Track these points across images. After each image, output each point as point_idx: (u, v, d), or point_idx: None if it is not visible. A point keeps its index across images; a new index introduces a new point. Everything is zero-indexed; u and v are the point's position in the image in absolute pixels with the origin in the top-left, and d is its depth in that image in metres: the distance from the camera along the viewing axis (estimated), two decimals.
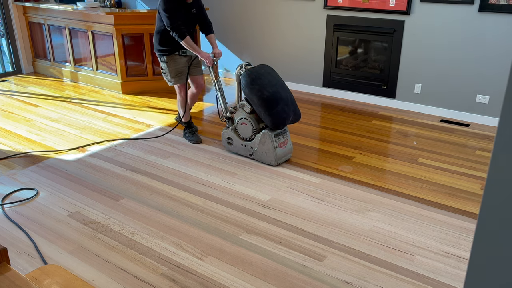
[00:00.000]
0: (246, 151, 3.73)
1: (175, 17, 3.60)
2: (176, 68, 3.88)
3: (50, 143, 4.09)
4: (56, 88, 5.95)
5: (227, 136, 3.82)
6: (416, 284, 2.31)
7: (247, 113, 3.64)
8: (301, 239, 2.69)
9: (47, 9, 6.11)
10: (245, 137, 3.69)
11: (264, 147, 3.58)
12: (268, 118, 3.47)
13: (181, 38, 3.63)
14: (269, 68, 3.66)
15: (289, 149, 3.69)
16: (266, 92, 3.44)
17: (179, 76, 3.90)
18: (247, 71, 3.54)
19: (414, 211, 2.99)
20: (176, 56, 3.85)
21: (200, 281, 2.33)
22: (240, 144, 3.75)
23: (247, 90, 3.51)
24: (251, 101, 3.52)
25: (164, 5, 3.59)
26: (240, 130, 3.71)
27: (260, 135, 3.58)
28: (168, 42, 3.79)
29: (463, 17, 4.47)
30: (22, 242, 2.64)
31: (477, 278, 0.76)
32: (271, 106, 3.43)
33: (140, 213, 2.96)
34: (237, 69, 3.66)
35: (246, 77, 3.51)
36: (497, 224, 0.71)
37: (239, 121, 3.68)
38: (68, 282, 1.63)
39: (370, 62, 5.21)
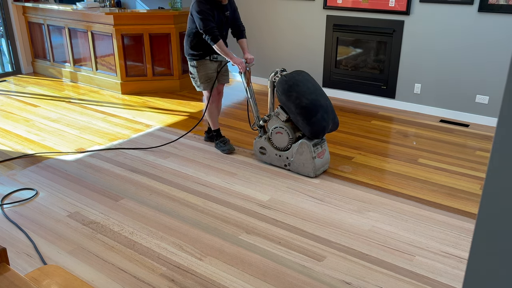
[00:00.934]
0: (281, 162, 3.54)
1: (208, 19, 3.45)
2: (206, 74, 3.72)
3: (49, 143, 4.09)
4: (56, 88, 5.95)
5: (259, 145, 3.63)
6: (415, 284, 2.31)
7: (282, 122, 3.45)
8: (300, 239, 2.68)
9: (46, 9, 6.11)
10: (280, 146, 3.51)
11: (301, 158, 3.39)
12: (307, 127, 3.29)
13: (214, 41, 3.48)
14: (307, 74, 3.48)
15: (326, 159, 3.51)
16: (304, 100, 3.26)
17: (208, 82, 3.75)
18: (283, 77, 3.37)
19: (414, 211, 2.99)
20: (207, 61, 3.70)
21: (200, 281, 2.32)
22: (274, 154, 3.56)
23: (283, 98, 3.33)
24: (288, 109, 3.35)
25: (197, 6, 3.44)
26: (274, 139, 3.52)
27: (298, 144, 3.38)
28: (199, 46, 3.64)
29: (463, 17, 4.47)
30: (22, 242, 2.64)
31: (476, 278, 0.76)
32: (310, 114, 3.26)
33: (140, 213, 2.96)
34: (271, 75, 3.51)
35: (282, 84, 3.34)
36: (496, 224, 0.71)
37: (274, 130, 3.49)
38: (68, 282, 1.63)
39: (370, 62, 5.21)
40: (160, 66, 5.69)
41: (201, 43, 3.62)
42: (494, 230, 0.72)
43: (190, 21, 3.62)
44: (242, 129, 4.48)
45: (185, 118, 4.81)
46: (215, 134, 3.95)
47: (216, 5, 3.50)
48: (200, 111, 5.04)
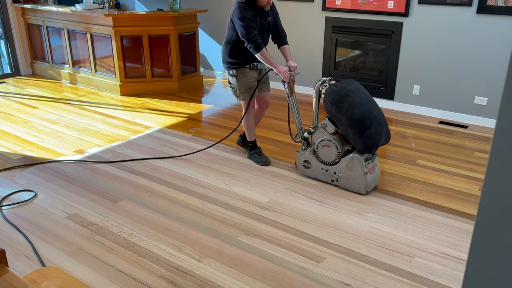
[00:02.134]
0: (327, 177, 3.33)
1: (251, 26, 3.25)
2: (246, 83, 3.51)
3: (48, 145, 4.08)
4: (55, 89, 5.95)
5: (303, 159, 3.41)
6: (414, 285, 2.31)
7: (330, 134, 3.25)
8: (299, 240, 2.68)
9: (45, 11, 6.11)
10: (327, 160, 3.29)
11: (352, 173, 3.17)
12: (359, 141, 3.07)
13: (257, 50, 3.28)
14: (358, 84, 3.26)
15: (377, 175, 3.29)
16: (357, 112, 3.05)
17: (248, 92, 3.53)
18: (333, 87, 3.16)
19: (413, 212, 2.99)
20: (247, 69, 3.50)
21: (199, 283, 2.32)
22: (320, 169, 3.34)
23: (333, 109, 3.12)
24: (337, 121, 3.14)
25: (239, 13, 3.25)
26: (321, 153, 3.30)
27: (348, 159, 3.16)
28: (239, 54, 3.44)
29: (461, 19, 4.48)
30: (20, 244, 2.64)
31: (475, 279, 0.76)
32: (363, 127, 3.04)
33: (139, 214, 2.96)
34: (317, 85, 3.31)
35: (332, 94, 3.12)
36: (494, 226, 0.71)
37: (321, 143, 3.27)
38: (67, 284, 1.63)
39: (369, 63, 5.22)
40: (159, 68, 5.70)
41: (242, 51, 3.42)
42: (493, 231, 0.72)
43: (229, 28, 3.42)
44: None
45: (184, 119, 4.81)
46: (251, 145, 3.78)
47: (258, 10, 3.32)
48: (199, 113, 5.04)
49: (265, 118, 4.84)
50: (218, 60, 6.54)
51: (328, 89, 3.19)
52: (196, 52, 5.99)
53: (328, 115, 3.22)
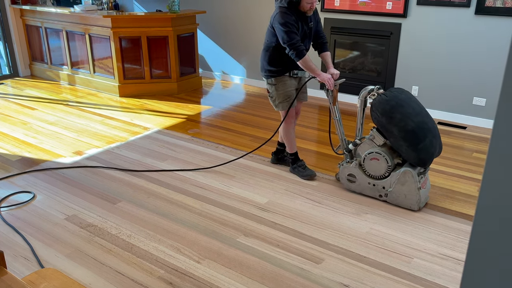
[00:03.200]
0: (375, 192, 3.13)
1: (293, 31, 3.09)
2: (286, 92, 3.32)
3: (47, 146, 4.08)
4: (53, 91, 5.94)
5: (348, 172, 3.21)
6: (413, 286, 2.31)
7: (378, 147, 3.07)
8: (298, 241, 2.68)
9: (44, 12, 6.11)
10: (375, 174, 3.09)
11: (403, 188, 2.97)
12: (413, 154, 2.89)
13: (299, 57, 3.11)
14: (408, 93, 3.07)
15: (428, 189, 3.12)
16: (411, 123, 2.86)
17: (287, 101, 3.34)
18: (384, 96, 2.97)
19: (411, 213, 2.99)
20: (286, 77, 3.31)
21: (198, 284, 2.32)
22: (366, 183, 3.15)
23: (384, 120, 2.93)
24: (388, 132, 2.95)
25: (281, 17, 3.08)
26: (368, 166, 3.10)
27: (400, 173, 2.96)
28: (279, 61, 3.26)
29: (460, 20, 4.49)
30: (19, 246, 2.63)
31: (473, 280, 0.76)
32: (418, 139, 2.86)
33: (137, 216, 2.96)
34: (362, 93, 3.14)
35: (383, 104, 2.94)
36: (492, 226, 0.71)
37: (368, 156, 3.07)
38: (65, 285, 1.62)
39: (368, 64, 5.23)
40: (158, 69, 5.70)
41: (281, 58, 3.24)
42: (491, 232, 0.72)
43: (269, 34, 3.25)
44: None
45: (183, 120, 4.81)
46: (293, 158, 3.54)
47: (300, 16, 3.15)
48: (198, 114, 5.04)
49: (259, 118, 4.84)
50: (216, 61, 6.54)
51: (377, 98, 2.99)
52: (195, 53, 5.99)
53: (377, 126, 3.03)
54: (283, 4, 3.12)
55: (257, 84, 6.21)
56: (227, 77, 6.49)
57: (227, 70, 6.48)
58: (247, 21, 6.00)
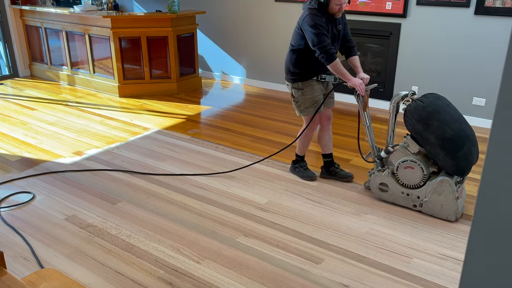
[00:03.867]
0: (409, 202, 3.01)
1: (324, 34, 2.97)
2: (313, 97, 3.20)
3: (46, 147, 4.08)
4: (53, 91, 5.94)
5: (380, 181, 3.09)
6: (413, 286, 2.31)
7: (413, 154, 2.96)
8: (298, 242, 2.68)
9: (44, 13, 6.11)
10: (409, 184, 2.98)
11: (440, 198, 2.87)
12: (451, 162, 2.79)
13: (330, 60, 2.99)
14: (445, 98, 2.93)
15: (464, 198, 3.03)
16: (449, 130, 2.75)
17: (314, 106, 3.22)
18: (420, 102, 2.86)
19: (411, 213, 3.00)
20: (314, 81, 3.19)
21: (197, 284, 2.32)
22: (399, 193, 3.03)
23: (420, 127, 2.83)
24: (424, 140, 2.85)
25: (311, 19, 2.97)
26: (402, 175, 2.99)
27: (436, 182, 2.85)
28: (307, 65, 3.14)
29: (459, 20, 4.49)
30: (19, 246, 2.63)
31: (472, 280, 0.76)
32: (456, 147, 2.76)
33: (137, 216, 2.96)
34: (395, 99, 3.04)
35: (419, 110, 2.83)
36: (491, 226, 0.71)
37: (402, 164, 2.97)
38: (65, 286, 1.62)
39: (367, 65, 5.23)
40: (158, 69, 5.70)
41: (309, 62, 3.13)
42: (490, 232, 0.72)
43: (297, 37, 3.12)
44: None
45: (182, 121, 4.81)
46: (298, 159, 3.51)
47: (329, 18, 3.04)
48: (198, 114, 5.04)
49: (259, 118, 4.84)
50: (216, 62, 6.54)
51: (412, 104, 2.89)
52: (194, 53, 5.99)
53: (411, 133, 2.94)
54: (312, 5, 3.02)
55: (256, 84, 6.21)
56: (227, 77, 6.49)
57: (226, 70, 6.48)
58: (247, 21, 6.00)
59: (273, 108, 5.23)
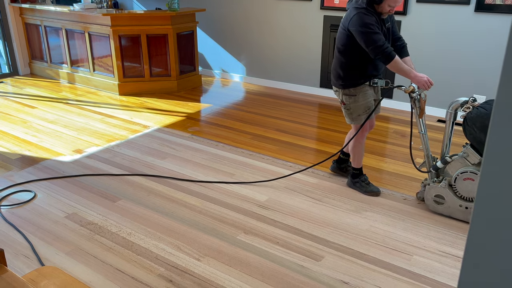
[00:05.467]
0: (467, 215, 2.84)
1: (377, 32, 2.77)
2: (366, 103, 3.01)
3: (47, 145, 4.08)
4: (53, 89, 5.94)
5: (435, 193, 2.93)
6: (413, 283, 2.32)
7: (472, 165, 2.80)
8: (298, 239, 2.69)
9: (43, 11, 6.10)
10: (468, 196, 2.82)
11: None
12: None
13: (389, 60, 2.79)
14: None
15: None
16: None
17: (366, 113, 3.03)
18: (482, 110, 2.69)
19: (411, 211, 3.00)
20: (366, 87, 3.00)
21: (198, 281, 2.33)
22: (457, 206, 2.86)
23: (482, 136, 2.67)
24: None
25: (362, 19, 2.77)
26: (461, 187, 2.83)
27: None
28: (359, 69, 2.96)
29: (460, 17, 4.48)
30: (19, 244, 2.64)
31: (471, 277, 0.76)
32: None
33: (137, 214, 2.96)
34: (453, 105, 2.87)
35: (483, 119, 2.66)
36: (490, 224, 0.72)
37: (461, 176, 2.81)
38: (65, 283, 1.63)
39: None
40: (158, 67, 5.69)
41: (361, 65, 2.95)
42: (489, 230, 0.72)
43: (344, 39, 2.91)
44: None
45: (182, 119, 4.81)
46: (356, 172, 3.27)
47: (378, 17, 2.87)
48: (198, 112, 5.04)
49: (259, 116, 4.84)
50: (216, 59, 6.54)
51: (474, 111, 2.73)
52: (194, 51, 5.98)
53: (472, 142, 2.78)
54: (360, 4, 2.82)
55: (256, 82, 6.21)
56: (227, 75, 6.49)
57: (226, 68, 6.47)
58: (247, 19, 5.99)
59: (273, 106, 5.23)
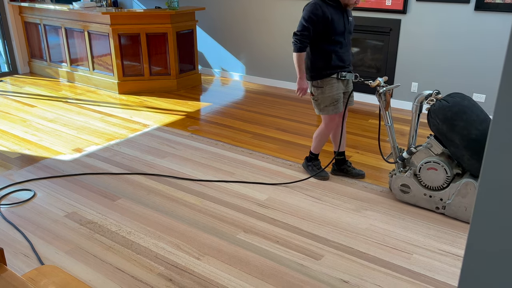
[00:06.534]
0: (431, 204, 2.96)
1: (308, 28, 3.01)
2: (333, 95, 3.15)
3: (46, 144, 4.08)
4: (53, 88, 5.93)
5: (401, 182, 3.04)
6: (413, 282, 2.32)
7: (436, 156, 2.91)
8: (298, 238, 2.69)
9: (43, 9, 6.09)
10: (432, 185, 2.93)
11: (464, 200, 2.81)
12: (476, 164, 2.73)
13: (294, 50, 3.08)
14: (471, 99, 2.86)
15: None
16: (474, 131, 2.68)
17: (334, 105, 3.17)
18: (445, 102, 2.80)
19: (411, 209, 3.00)
20: (334, 79, 3.13)
21: (198, 280, 2.33)
22: (422, 194, 2.97)
23: (444, 128, 2.78)
24: (449, 141, 2.80)
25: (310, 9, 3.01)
26: (425, 176, 2.93)
27: (461, 184, 2.79)
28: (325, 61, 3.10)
29: (459, 16, 4.48)
30: (19, 243, 2.64)
31: (471, 276, 0.76)
32: (482, 149, 2.68)
33: (137, 213, 2.96)
34: (418, 98, 2.99)
35: (444, 110, 2.77)
36: (490, 222, 0.71)
37: (425, 165, 2.91)
38: (65, 282, 1.63)
39: (367, 61, 5.22)
40: (157, 66, 5.69)
41: (327, 58, 3.09)
42: (489, 228, 0.72)
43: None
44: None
45: (182, 117, 4.81)
46: (312, 156, 3.44)
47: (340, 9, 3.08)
48: (198, 111, 5.04)
49: (258, 115, 4.84)
50: (216, 58, 6.53)
51: (437, 104, 2.83)
52: (194, 50, 5.98)
53: (435, 133, 2.90)
54: None
55: (256, 81, 6.20)
56: (227, 74, 6.49)
57: (226, 67, 6.47)
58: (246, 17, 5.98)
59: (273, 105, 5.23)
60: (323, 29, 3.00)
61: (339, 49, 3.07)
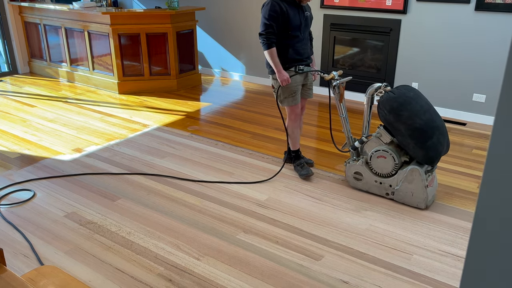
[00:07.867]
0: (381, 190, 3.11)
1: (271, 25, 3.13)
2: (291, 87, 3.28)
3: (46, 144, 4.07)
4: (52, 88, 5.93)
5: (354, 170, 3.19)
6: (413, 283, 2.32)
7: (385, 144, 3.06)
8: (298, 238, 2.68)
9: (43, 9, 6.09)
10: (382, 172, 3.07)
11: (410, 186, 2.95)
12: (421, 152, 2.87)
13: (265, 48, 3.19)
14: (417, 90, 2.99)
15: (435, 187, 3.09)
16: (418, 120, 2.83)
17: (293, 96, 3.30)
18: (391, 94, 2.93)
19: (411, 210, 3.00)
20: (292, 72, 3.27)
21: (197, 281, 2.32)
22: (373, 181, 3.13)
23: (391, 117, 2.91)
24: (395, 130, 2.93)
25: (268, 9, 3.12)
26: (375, 164, 3.08)
27: (407, 171, 2.94)
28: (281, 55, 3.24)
29: (460, 16, 4.48)
30: (18, 243, 2.63)
31: (473, 277, 0.76)
32: (425, 137, 2.83)
33: (137, 213, 2.96)
34: (369, 91, 3.12)
35: (390, 101, 2.90)
36: (493, 223, 0.71)
37: (375, 154, 3.05)
38: (65, 283, 1.62)
39: (367, 61, 5.22)
40: (157, 66, 5.69)
41: (284, 52, 3.22)
42: (491, 229, 0.72)
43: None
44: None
45: (182, 117, 4.80)
46: (293, 156, 3.53)
47: (295, 5, 3.18)
48: (198, 111, 5.03)
49: (258, 115, 4.83)
50: (216, 58, 6.53)
51: (385, 95, 2.96)
52: (194, 50, 5.98)
53: (384, 123, 3.03)
54: None
55: (256, 81, 6.20)
56: (227, 74, 6.48)
57: (226, 67, 6.46)
58: (246, 17, 5.98)
59: (273, 105, 5.23)
60: (282, 24, 3.13)
61: (296, 43, 3.20)
